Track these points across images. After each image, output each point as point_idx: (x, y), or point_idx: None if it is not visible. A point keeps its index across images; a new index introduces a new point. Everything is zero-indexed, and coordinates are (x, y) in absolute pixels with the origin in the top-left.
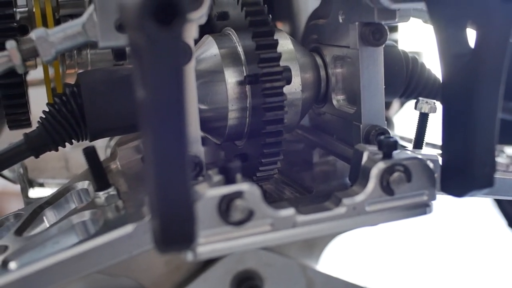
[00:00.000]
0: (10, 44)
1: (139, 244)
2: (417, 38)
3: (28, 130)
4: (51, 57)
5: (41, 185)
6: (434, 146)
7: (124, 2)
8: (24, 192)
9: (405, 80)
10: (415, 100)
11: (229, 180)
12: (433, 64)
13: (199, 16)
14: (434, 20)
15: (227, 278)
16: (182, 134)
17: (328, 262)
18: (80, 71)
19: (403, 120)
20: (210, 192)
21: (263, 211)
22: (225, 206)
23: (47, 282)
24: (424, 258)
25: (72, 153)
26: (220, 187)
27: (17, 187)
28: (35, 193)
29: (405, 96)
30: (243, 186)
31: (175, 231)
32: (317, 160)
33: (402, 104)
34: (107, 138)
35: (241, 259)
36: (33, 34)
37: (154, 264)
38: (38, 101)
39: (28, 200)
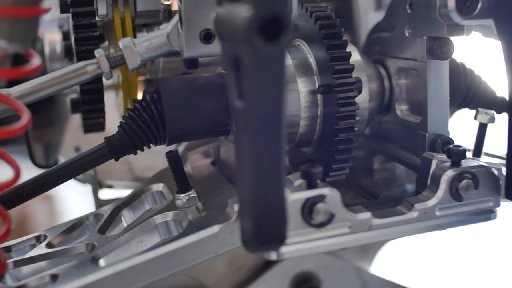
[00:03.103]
0: (99, 52)
1: (224, 244)
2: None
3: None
4: (137, 65)
5: (110, 186)
6: (489, 155)
7: (227, 17)
8: (95, 193)
9: (463, 91)
10: (470, 110)
11: (310, 184)
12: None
13: None
14: (502, 36)
15: (286, 279)
16: (280, 141)
17: (382, 265)
18: (148, 78)
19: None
20: (294, 196)
21: (343, 214)
22: (307, 209)
23: (137, 279)
24: (477, 263)
25: (133, 156)
26: (304, 191)
27: None
28: (104, 194)
29: (462, 106)
30: (325, 190)
31: (268, 231)
32: (377, 167)
33: (451, 114)
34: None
35: (300, 261)
36: (120, 43)
37: (217, 264)
38: None
39: (98, 201)
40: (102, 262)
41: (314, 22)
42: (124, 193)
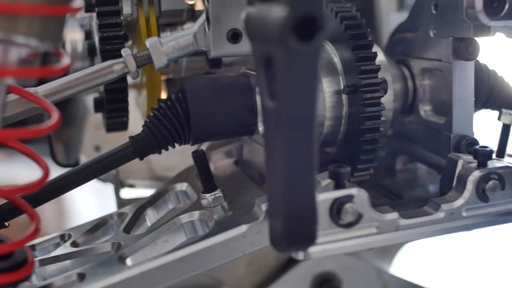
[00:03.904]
0: (126, 51)
1: (252, 244)
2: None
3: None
4: (163, 65)
5: (131, 186)
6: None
7: (258, 16)
8: (117, 192)
9: (486, 91)
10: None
11: (338, 184)
12: None
13: None
14: None
15: (307, 279)
16: (312, 141)
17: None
18: (170, 77)
19: None
20: (322, 196)
21: (370, 215)
22: (336, 209)
23: (164, 279)
24: (498, 265)
25: (153, 156)
26: (332, 191)
27: None
28: (125, 193)
29: (485, 106)
30: (353, 190)
31: (298, 231)
32: (399, 167)
33: None
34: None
35: (320, 261)
36: (147, 43)
37: (237, 264)
38: None
39: (120, 201)
40: (129, 261)
41: (339, 23)
42: (143, 192)
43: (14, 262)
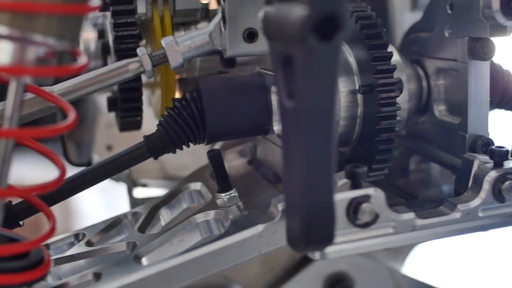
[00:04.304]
0: (141, 50)
1: (268, 244)
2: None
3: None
4: (179, 64)
5: (144, 185)
6: None
7: (277, 16)
8: (130, 191)
9: (501, 91)
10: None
11: (355, 184)
12: None
13: None
14: None
15: (320, 279)
16: (330, 140)
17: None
18: (184, 77)
19: None
20: (339, 196)
21: (387, 215)
22: (352, 209)
23: (181, 278)
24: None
25: (164, 155)
26: (349, 191)
27: None
28: (138, 193)
29: (498, 107)
30: (370, 190)
31: (316, 231)
32: (413, 167)
33: None
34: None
35: (333, 261)
36: (163, 42)
37: (250, 264)
38: None
39: (133, 200)
40: (144, 261)
41: (355, 22)
42: (156, 192)
43: (30, 261)
